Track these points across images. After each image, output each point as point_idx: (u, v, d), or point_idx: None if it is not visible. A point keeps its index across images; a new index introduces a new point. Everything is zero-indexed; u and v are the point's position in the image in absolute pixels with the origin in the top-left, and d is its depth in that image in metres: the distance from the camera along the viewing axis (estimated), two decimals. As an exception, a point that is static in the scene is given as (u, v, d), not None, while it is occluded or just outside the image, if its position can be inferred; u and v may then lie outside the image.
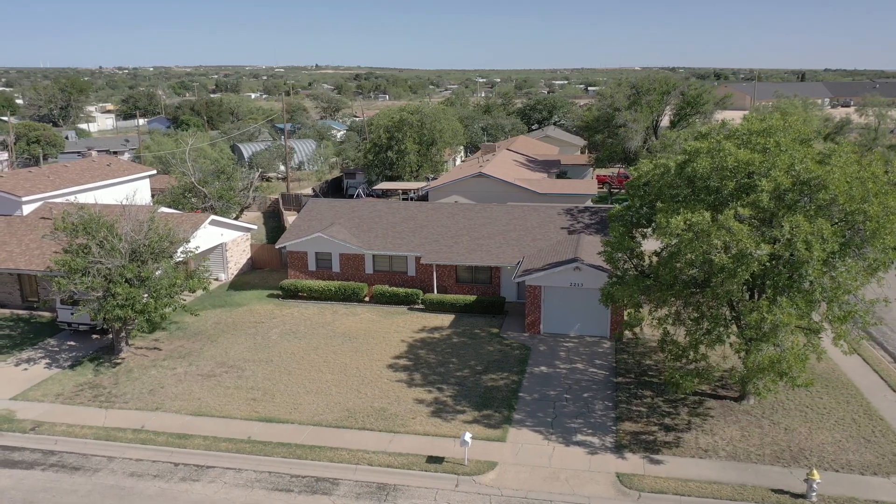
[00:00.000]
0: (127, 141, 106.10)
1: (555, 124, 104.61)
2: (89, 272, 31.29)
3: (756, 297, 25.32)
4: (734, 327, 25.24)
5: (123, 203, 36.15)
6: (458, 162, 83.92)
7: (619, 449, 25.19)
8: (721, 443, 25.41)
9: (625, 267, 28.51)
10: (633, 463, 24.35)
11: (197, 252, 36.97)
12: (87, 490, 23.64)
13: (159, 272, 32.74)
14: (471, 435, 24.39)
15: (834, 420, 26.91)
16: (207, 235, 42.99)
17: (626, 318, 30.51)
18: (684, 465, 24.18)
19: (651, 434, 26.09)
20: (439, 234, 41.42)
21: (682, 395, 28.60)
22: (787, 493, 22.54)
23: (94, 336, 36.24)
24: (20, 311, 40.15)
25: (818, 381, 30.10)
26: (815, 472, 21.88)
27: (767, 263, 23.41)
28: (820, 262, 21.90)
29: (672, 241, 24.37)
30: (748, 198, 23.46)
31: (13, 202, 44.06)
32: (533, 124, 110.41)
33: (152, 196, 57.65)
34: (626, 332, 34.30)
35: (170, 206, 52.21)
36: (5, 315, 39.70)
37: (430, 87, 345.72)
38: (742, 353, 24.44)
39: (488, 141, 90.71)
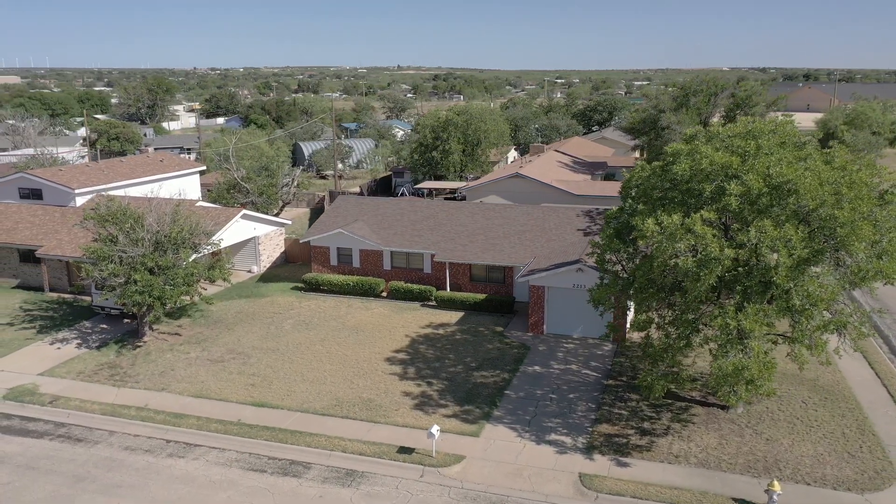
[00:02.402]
0: (199, 138, 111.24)
1: (614, 126, 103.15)
2: (113, 260, 33.57)
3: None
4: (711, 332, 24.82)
5: (148, 196, 38.46)
6: (509, 162, 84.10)
7: (589, 450, 25.23)
8: (695, 449, 25.06)
9: (614, 269, 28.44)
10: (600, 464, 24.37)
11: (220, 245, 38.87)
12: (84, 460, 25.58)
13: (185, 262, 34.75)
14: (438, 428, 24.97)
15: (822, 433, 26.05)
16: (239, 229, 45.08)
17: (631, 321, 30.40)
18: (651, 469, 24.02)
19: (625, 437, 25.99)
20: (456, 232, 42.05)
21: (669, 401, 28.38)
22: (747, 503, 22.12)
23: (126, 320, 38.67)
24: (66, 295, 43.26)
25: (818, 392, 29.19)
26: (776, 483, 21.37)
27: (740, 269, 23.02)
28: (786, 268, 21.37)
29: (647, 244, 24.28)
30: (720, 202, 23.10)
31: (67, 194, 47.45)
32: (593, 125, 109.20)
33: (205, 191, 60.58)
34: (632, 334, 34.17)
35: (214, 202, 54.92)
36: (53, 298, 42.88)
37: (507, 87, 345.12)
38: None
39: (542, 142, 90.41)
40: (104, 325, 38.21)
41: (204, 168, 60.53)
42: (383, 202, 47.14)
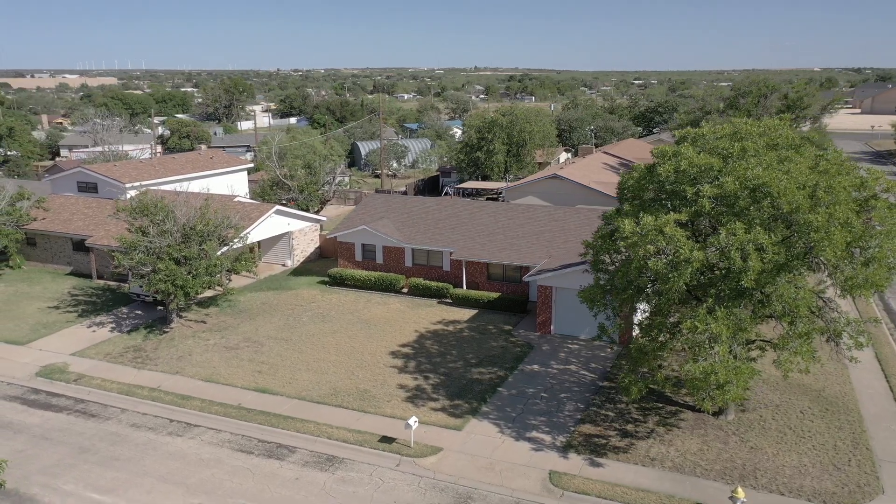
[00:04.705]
0: (268, 136, 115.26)
1: (669, 128, 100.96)
2: (140, 249, 35.74)
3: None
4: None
5: (177, 190, 40.59)
6: (559, 163, 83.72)
7: (565, 449, 25.36)
8: (673, 454, 24.81)
9: (610, 269, 28.34)
10: (573, 463, 24.48)
11: (247, 239, 40.63)
12: (92, 434, 27.53)
13: (210, 254, 36.62)
14: (416, 419, 25.65)
15: (812, 444, 25.29)
16: (273, 224, 46.89)
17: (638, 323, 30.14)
18: (623, 470, 23.97)
19: (605, 438, 25.96)
20: (476, 231, 42.54)
21: (660, 404, 28.18)
22: (712, 508, 21.85)
23: (159, 307, 40.94)
24: (111, 283, 46.11)
25: (819, 403, 28.30)
26: (739, 490, 21.03)
27: (717, 272, 22.72)
28: (755, 272, 20.99)
29: (626, 245, 24.21)
30: (698, 204, 22.86)
31: (119, 187, 50.51)
32: (654, 127, 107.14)
33: (257, 187, 62.99)
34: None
35: (259, 197, 57.19)
36: (99, 285, 45.80)
37: (582, 88, 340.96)
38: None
39: (596, 143, 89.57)
40: (138, 312, 40.61)
41: (251, 165, 63.01)
42: (411, 200, 48.08)
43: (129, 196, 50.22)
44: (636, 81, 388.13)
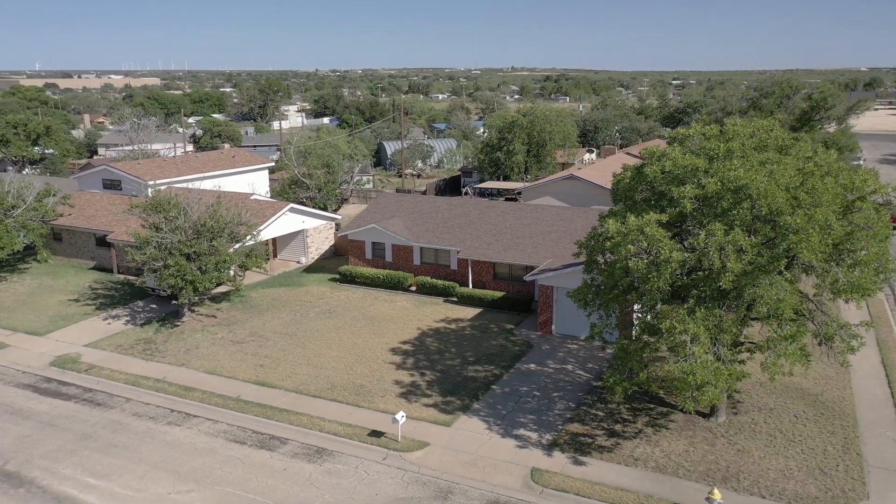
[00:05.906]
0: (301, 136, 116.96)
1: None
2: (152, 245, 36.82)
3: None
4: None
5: (189, 188, 41.63)
6: (584, 163, 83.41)
7: (550, 447, 25.51)
8: (658, 454, 24.79)
9: (603, 269, 28.38)
10: (556, 461, 24.63)
11: (258, 236, 41.49)
12: (95, 422, 28.55)
13: (221, 250, 37.58)
14: (404, 414, 26.08)
15: (801, 448, 25.03)
16: (287, 222, 47.77)
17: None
18: (605, 469, 24.04)
19: (592, 437, 26.04)
20: (484, 231, 42.79)
21: (651, 405, 28.15)
22: (689, 509, 21.82)
23: (174, 302, 42.04)
24: (130, 277, 47.48)
25: (815, 408, 27.94)
26: (716, 491, 20.97)
27: (700, 273, 22.66)
28: (734, 273, 20.91)
29: (611, 245, 24.28)
30: (680, 205, 22.82)
31: (141, 185, 51.94)
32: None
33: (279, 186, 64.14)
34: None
35: (279, 196, 58.24)
36: (119, 279, 47.21)
37: (618, 88, 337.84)
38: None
39: (622, 144, 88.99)
40: (153, 305, 41.78)
41: (273, 164, 64.14)
42: (422, 199, 48.53)
43: (150, 193, 51.64)
44: (674, 81, 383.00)
